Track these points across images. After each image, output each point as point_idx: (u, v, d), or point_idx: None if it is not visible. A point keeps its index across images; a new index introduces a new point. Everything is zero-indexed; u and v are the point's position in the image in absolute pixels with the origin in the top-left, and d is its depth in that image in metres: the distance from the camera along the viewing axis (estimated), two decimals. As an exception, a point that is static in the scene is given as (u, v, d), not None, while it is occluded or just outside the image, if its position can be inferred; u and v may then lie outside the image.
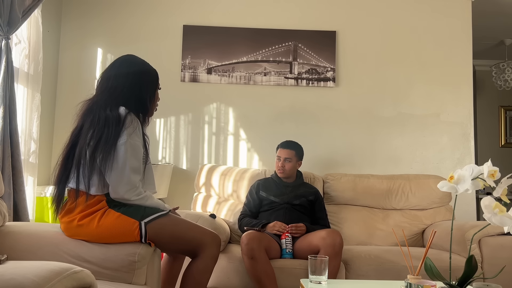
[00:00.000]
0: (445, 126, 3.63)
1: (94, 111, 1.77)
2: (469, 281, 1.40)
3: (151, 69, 1.94)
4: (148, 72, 1.92)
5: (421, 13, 3.69)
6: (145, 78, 1.90)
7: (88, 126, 1.75)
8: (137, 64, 1.92)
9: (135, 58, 1.94)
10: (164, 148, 3.57)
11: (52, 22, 3.46)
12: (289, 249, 2.52)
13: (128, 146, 1.72)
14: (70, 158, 1.77)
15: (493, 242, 2.52)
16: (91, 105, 1.81)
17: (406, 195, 3.15)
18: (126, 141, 1.72)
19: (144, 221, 1.73)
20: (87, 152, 1.72)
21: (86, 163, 1.72)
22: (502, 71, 4.99)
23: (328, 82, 3.60)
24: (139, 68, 1.91)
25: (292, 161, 2.85)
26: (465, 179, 1.38)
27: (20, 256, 1.66)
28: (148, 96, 1.89)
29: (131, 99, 1.83)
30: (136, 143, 1.76)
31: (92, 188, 1.74)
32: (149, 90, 1.90)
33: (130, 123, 1.74)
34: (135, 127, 1.76)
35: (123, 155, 1.72)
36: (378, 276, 2.43)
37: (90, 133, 1.73)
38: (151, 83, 1.92)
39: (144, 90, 1.87)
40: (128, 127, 1.73)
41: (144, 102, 1.87)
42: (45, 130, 3.29)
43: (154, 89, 1.93)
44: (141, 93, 1.86)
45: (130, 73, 1.86)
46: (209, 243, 1.83)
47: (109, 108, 1.76)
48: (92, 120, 1.75)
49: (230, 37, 3.60)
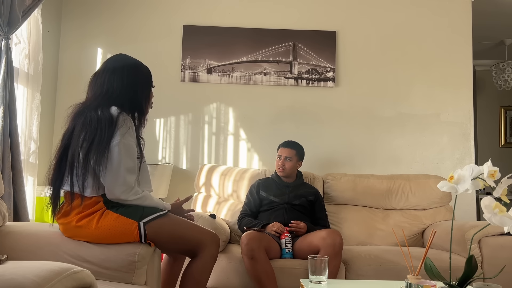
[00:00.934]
0: (445, 126, 3.63)
1: (85, 113, 1.75)
2: (469, 281, 1.40)
3: (143, 68, 1.92)
4: (141, 71, 1.89)
5: (421, 13, 3.69)
6: (139, 77, 1.87)
7: (80, 128, 1.73)
8: (129, 63, 1.89)
9: (126, 57, 1.91)
10: (164, 148, 3.57)
11: (52, 22, 3.46)
12: (288, 249, 2.51)
13: (122, 147, 1.71)
14: (63, 161, 1.75)
15: (493, 242, 2.52)
16: (82, 107, 1.79)
17: (406, 195, 3.15)
18: (119, 141, 1.70)
19: (143, 221, 1.72)
20: (80, 154, 1.71)
21: (79, 165, 1.71)
22: (502, 71, 4.99)
23: (328, 82, 3.60)
24: (132, 67, 1.87)
25: (292, 161, 2.85)
26: (465, 179, 1.38)
27: (20, 256, 1.66)
28: (143, 96, 1.87)
29: (124, 100, 1.80)
30: (130, 143, 1.74)
31: (87, 190, 1.73)
32: (144, 90, 1.88)
33: (122, 123, 1.72)
34: (128, 127, 1.74)
35: (117, 156, 1.70)
36: (378, 276, 2.43)
37: (82, 135, 1.71)
38: (145, 82, 1.90)
39: (138, 90, 1.85)
40: (120, 127, 1.71)
41: (139, 102, 1.85)
42: (45, 130, 3.29)
43: (148, 88, 1.91)
44: (136, 93, 1.84)
45: (124, 73, 1.83)
46: (209, 242, 1.82)
47: (101, 109, 1.73)
48: (83, 122, 1.73)
49: (230, 37, 3.60)
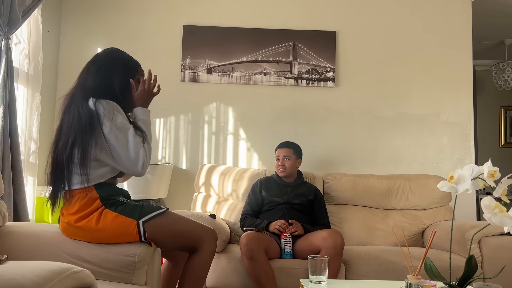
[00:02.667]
0: (445, 126, 3.63)
1: (70, 108, 1.77)
2: (469, 281, 1.40)
3: (127, 58, 1.90)
4: (121, 61, 1.87)
5: (421, 13, 3.69)
6: (117, 65, 1.84)
7: (66, 125, 1.75)
8: (112, 54, 1.89)
9: (114, 49, 1.92)
10: (164, 148, 3.57)
11: (52, 22, 3.46)
12: (287, 250, 2.51)
13: (115, 130, 1.71)
14: (58, 158, 1.77)
15: (493, 242, 2.52)
16: (68, 102, 1.80)
17: (406, 195, 3.15)
18: (109, 127, 1.70)
19: (142, 220, 1.72)
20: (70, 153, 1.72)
21: (70, 164, 1.72)
22: (502, 71, 4.99)
23: (328, 82, 3.59)
24: (113, 57, 1.87)
25: (291, 159, 2.85)
26: (465, 179, 1.38)
27: (20, 256, 1.66)
28: (118, 83, 1.82)
29: (98, 88, 1.78)
30: (118, 122, 1.72)
31: (75, 185, 1.74)
32: (120, 77, 1.83)
33: (104, 110, 1.71)
34: (111, 110, 1.72)
35: (115, 140, 1.71)
36: (378, 276, 2.43)
37: (68, 132, 1.73)
38: (124, 69, 1.85)
39: (114, 78, 1.82)
40: (104, 115, 1.70)
41: (113, 89, 1.80)
42: (45, 130, 3.28)
43: (127, 76, 1.86)
44: (111, 81, 1.81)
45: (103, 63, 1.83)
46: (208, 238, 1.85)
47: (81, 104, 1.73)
48: (68, 119, 1.75)
49: (230, 37, 3.60)
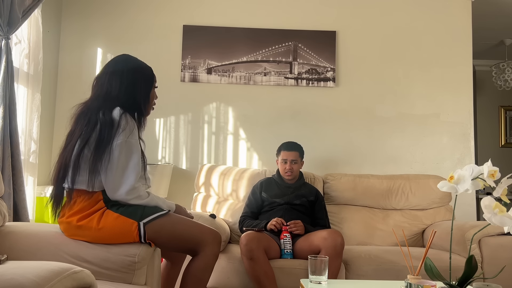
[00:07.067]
0: (445, 126, 3.62)
1: (87, 115, 1.76)
2: (469, 281, 1.40)
3: (144, 68, 1.91)
4: (140, 71, 1.89)
5: (421, 13, 3.69)
6: (138, 77, 1.86)
7: (80, 129, 1.75)
8: (131, 63, 1.89)
9: (128, 57, 1.91)
10: (164, 148, 3.57)
11: (52, 22, 3.46)
12: (287, 250, 2.50)
13: (124, 146, 1.71)
14: (66, 160, 1.76)
15: (493, 242, 2.52)
16: (85, 109, 1.80)
17: (406, 195, 3.15)
18: (122, 141, 1.71)
19: (143, 221, 1.72)
20: (79, 154, 1.72)
21: (78, 165, 1.72)
22: (502, 71, 4.99)
23: (328, 82, 3.59)
24: (132, 67, 1.87)
25: (298, 162, 2.85)
26: (465, 179, 1.38)
27: (20, 256, 1.66)
28: (141, 96, 1.86)
29: (125, 100, 1.80)
30: (132, 142, 1.74)
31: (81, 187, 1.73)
32: (143, 90, 1.87)
33: (126, 125, 1.73)
34: (131, 128, 1.74)
35: (118, 156, 1.71)
36: (378, 276, 2.43)
37: (81, 136, 1.73)
38: (146, 82, 1.89)
39: (137, 91, 1.84)
40: (124, 128, 1.72)
41: (137, 103, 1.84)
42: (45, 130, 3.29)
43: (149, 88, 1.90)
44: (134, 94, 1.83)
45: (124, 73, 1.83)
46: (210, 241, 1.82)
47: (102, 112, 1.74)
48: (85, 124, 1.74)
49: (230, 37, 3.60)
